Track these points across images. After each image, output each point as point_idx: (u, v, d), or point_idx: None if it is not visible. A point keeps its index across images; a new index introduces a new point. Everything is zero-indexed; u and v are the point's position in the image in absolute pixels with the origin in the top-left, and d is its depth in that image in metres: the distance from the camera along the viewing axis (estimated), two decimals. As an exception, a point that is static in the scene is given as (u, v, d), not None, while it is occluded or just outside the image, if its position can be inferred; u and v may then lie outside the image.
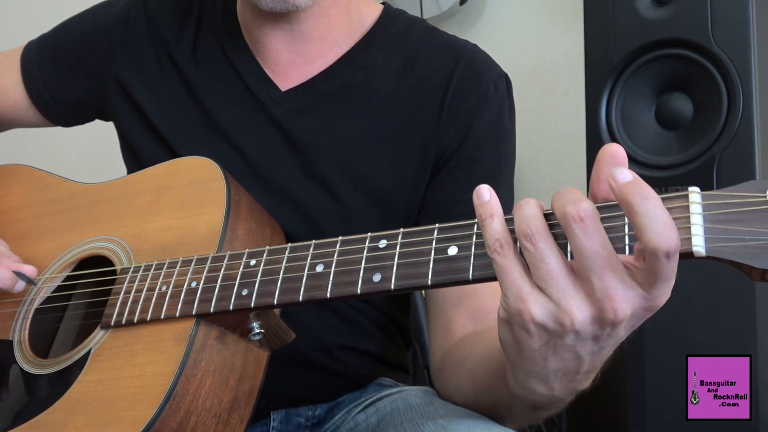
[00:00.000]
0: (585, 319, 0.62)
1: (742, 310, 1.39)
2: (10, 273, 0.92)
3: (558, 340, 0.64)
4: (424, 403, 0.91)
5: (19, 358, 0.91)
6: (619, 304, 0.60)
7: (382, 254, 0.72)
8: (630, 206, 0.58)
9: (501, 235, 0.64)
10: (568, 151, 2.08)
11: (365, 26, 1.07)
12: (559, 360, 0.66)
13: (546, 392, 0.70)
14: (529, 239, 0.62)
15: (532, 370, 0.68)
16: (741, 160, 1.38)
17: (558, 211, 0.61)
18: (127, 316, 0.83)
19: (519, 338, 0.66)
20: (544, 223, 0.63)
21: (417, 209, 1.03)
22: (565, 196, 0.62)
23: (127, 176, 1.03)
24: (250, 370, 0.83)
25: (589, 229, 0.60)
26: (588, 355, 0.66)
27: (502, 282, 0.64)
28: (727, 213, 0.59)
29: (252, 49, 1.06)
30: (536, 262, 0.62)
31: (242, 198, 0.91)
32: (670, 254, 0.57)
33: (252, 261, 0.79)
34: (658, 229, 0.57)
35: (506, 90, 1.06)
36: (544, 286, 0.63)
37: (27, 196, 1.08)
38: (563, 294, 0.62)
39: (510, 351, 0.69)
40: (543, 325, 0.63)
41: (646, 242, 0.57)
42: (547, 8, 2.17)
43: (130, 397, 0.78)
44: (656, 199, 0.58)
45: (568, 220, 0.60)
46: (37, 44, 1.18)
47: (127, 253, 0.91)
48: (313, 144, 1.02)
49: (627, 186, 0.59)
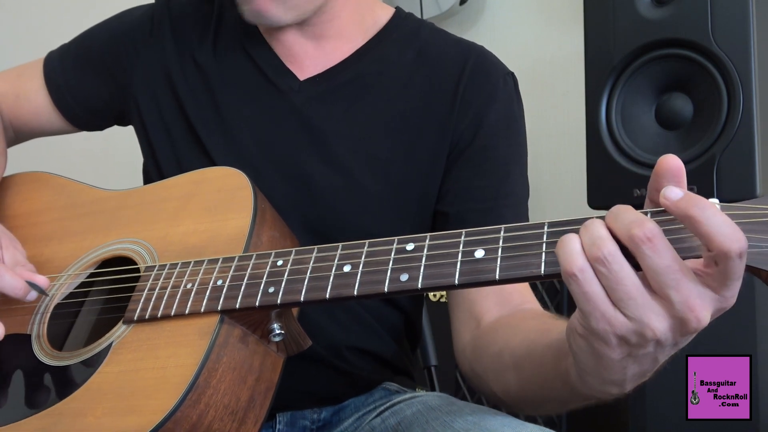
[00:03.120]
0: (666, 330, 0.63)
1: (742, 310, 1.39)
2: (24, 283, 0.92)
3: (639, 350, 0.65)
4: (446, 404, 0.92)
5: (37, 351, 0.92)
6: (700, 312, 0.62)
7: (409, 256, 0.74)
8: (692, 219, 0.60)
9: (579, 258, 0.63)
10: (568, 151, 2.08)
11: (378, 25, 1.12)
12: (638, 366, 0.67)
13: (618, 392, 0.72)
14: (602, 263, 0.63)
15: (609, 378, 0.69)
16: (741, 160, 1.38)
17: (623, 233, 0.62)
18: (151, 311, 0.84)
19: (599, 351, 0.66)
20: (615, 245, 0.63)
21: (433, 196, 1.05)
22: (625, 216, 0.63)
23: (153, 183, 1.05)
24: (266, 373, 0.84)
25: (658, 247, 0.61)
26: (665, 357, 0.68)
27: (583, 306, 0.64)
28: (746, 223, 0.61)
29: (269, 43, 1.10)
30: (612, 285, 0.63)
31: (267, 207, 0.93)
32: (743, 254, 0.59)
33: (279, 261, 0.81)
34: (727, 232, 0.58)
35: (514, 86, 1.10)
36: (623, 307, 0.63)
37: (50, 200, 1.10)
38: (644, 312, 0.63)
39: (586, 361, 0.69)
40: (626, 339, 0.64)
41: (718, 248, 0.59)
42: (547, 8, 2.17)
43: (151, 388, 0.78)
44: (713, 206, 0.60)
45: (636, 242, 0.61)
46: (59, 52, 1.22)
47: (152, 255, 0.92)
48: (332, 131, 1.05)
49: (682, 202, 0.60)
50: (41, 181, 1.13)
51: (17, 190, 1.13)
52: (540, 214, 0.61)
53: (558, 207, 2.11)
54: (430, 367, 1.46)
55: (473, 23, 2.27)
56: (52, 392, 0.87)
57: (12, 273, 0.92)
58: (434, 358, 1.47)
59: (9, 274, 0.92)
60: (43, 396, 0.87)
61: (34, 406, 0.86)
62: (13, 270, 0.93)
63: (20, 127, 1.22)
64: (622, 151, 1.50)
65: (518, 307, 0.97)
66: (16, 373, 0.92)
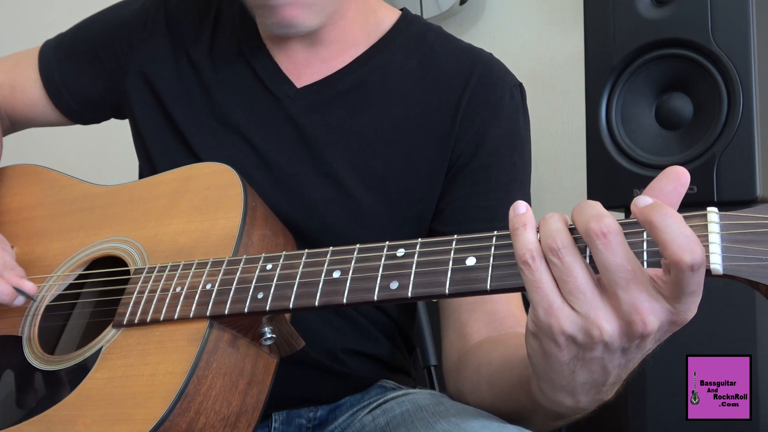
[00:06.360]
0: (613, 331, 0.62)
1: (742, 310, 1.39)
2: (11, 288, 0.92)
3: (587, 352, 0.65)
4: (434, 404, 0.91)
5: (27, 354, 0.91)
6: (647, 316, 0.61)
7: (399, 262, 0.72)
8: (652, 224, 0.59)
9: (533, 246, 0.64)
10: (568, 151, 2.08)
11: (382, 29, 1.08)
12: (587, 373, 0.67)
13: (572, 404, 0.71)
14: (555, 253, 0.63)
15: (559, 384, 0.68)
16: (741, 160, 1.38)
17: (581, 226, 0.62)
18: (140, 316, 0.83)
19: (548, 351, 0.66)
20: (569, 237, 0.63)
21: (430, 212, 1.03)
22: (586, 211, 0.63)
23: (143, 179, 1.04)
24: (259, 375, 0.83)
25: (612, 244, 0.61)
26: (615, 368, 0.66)
27: (533, 295, 0.64)
28: (744, 233, 0.60)
29: (268, 48, 1.07)
30: (563, 276, 0.63)
31: (258, 205, 0.92)
32: (695, 267, 0.58)
33: (268, 265, 0.79)
34: (682, 243, 0.58)
35: (521, 98, 1.06)
36: (572, 300, 0.63)
37: (41, 195, 1.08)
38: (591, 307, 0.62)
39: (538, 364, 0.69)
40: (573, 337, 0.64)
41: (671, 256, 0.58)
42: (547, 8, 2.17)
43: (141, 395, 0.78)
44: (678, 216, 0.59)
45: (591, 236, 0.61)
46: (55, 42, 1.19)
47: (142, 255, 0.91)
48: (327, 141, 1.02)
49: (648, 207, 0.60)
50: (33, 174, 1.12)
51: (9, 183, 1.12)
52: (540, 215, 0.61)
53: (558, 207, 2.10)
54: (430, 366, 1.46)
55: (473, 23, 2.27)
56: (43, 397, 0.86)
57: (0, 277, 0.91)
58: (434, 358, 1.47)
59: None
60: (33, 401, 0.87)
61: (24, 411, 0.86)
62: (1, 275, 0.92)
63: (16, 117, 1.21)
64: (622, 151, 1.50)
65: (510, 330, 0.95)
66: (7, 377, 0.92)
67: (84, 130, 1.34)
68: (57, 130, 1.28)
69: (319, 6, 0.98)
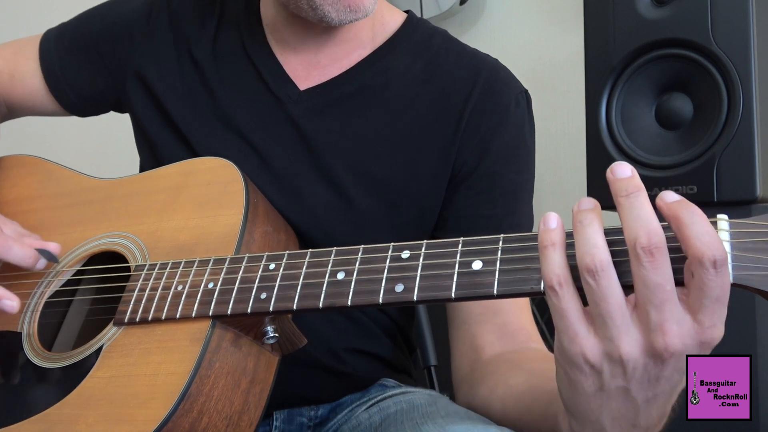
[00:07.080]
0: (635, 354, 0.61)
1: (742, 310, 1.39)
2: (33, 251, 0.91)
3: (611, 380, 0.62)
4: (427, 404, 0.91)
5: (27, 350, 0.91)
6: (672, 338, 0.60)
7: (404, 265, 0.71)
8: (679, 219, 0.59)
9: (561, 271, 0.61)
10: (568, 151, 2.08)
11: (387, 32, 1.07)
12: (613, 405, 0.64)
13: None
14: (593, 276, 0.60)
15: (588, 420, 0.66)
16: (741, 160, 1.38)
17: (630, 235, 0.60)
18: (141, 314, 0.82)
19: (573, 378, 0.64)
20: (609, 257, 0.60)
21: (431, 221, 1.02)
22: (642, 217, 0.60)
23: (142, 173, 1.03)
24: (261, 374, 0.83)
25: (658, 263, 0.59)
26: (643, 402, 0.64)
27: (557, 322, 0.62)
28: (755, 242, 0.60)
29: (273, 48, 1.06)
30: (596, 299, 0.61)
31: (259, 201, 0.91)
32: (718, 264, 0.57)
33: (271, 264, 0.78)
34: (706, 239, 0.58)
35: (527, 106, 1.05)
36: (599, 323, 0.61)
37: (39, 187, 1.07)
38: (618, 333, 0.61)
39: (567, 396, 0.67)
40: (596, 367, 0.62)
41: (694, 252, 0.58)
42: (547, 8, 2.17)
43: (143, 395, 0.77)
44: (703, 215, 0.59)
45: (638, 252, 0.59)
46: (57, 33, 1.18)
47: (142, 251, 0.90)
48: (329, 144, 1.01)
49: (676, 203, 0.60)
50: (30, 165, 1.11)
51: (6, 174, 1.11)
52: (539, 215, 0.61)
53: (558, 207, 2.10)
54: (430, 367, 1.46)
55: (473, 23, 2.27)
56: (43, 395, 0.85)
57: (20, 243, 0.91)
58: (434, 358, 1.47)
59: (17, 244, 0.90)
60: (33, 399, 0.86)
61: (25, 410, 0.85)
62: (21, 240, 0.92)
63: (14, 105, 1.20)
64: (622, 151, 1.50)
65: (523, 345, 0.94)
66: (6, 374, 0.91)
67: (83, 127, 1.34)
68: (56, 128, 1.28)
69: None
